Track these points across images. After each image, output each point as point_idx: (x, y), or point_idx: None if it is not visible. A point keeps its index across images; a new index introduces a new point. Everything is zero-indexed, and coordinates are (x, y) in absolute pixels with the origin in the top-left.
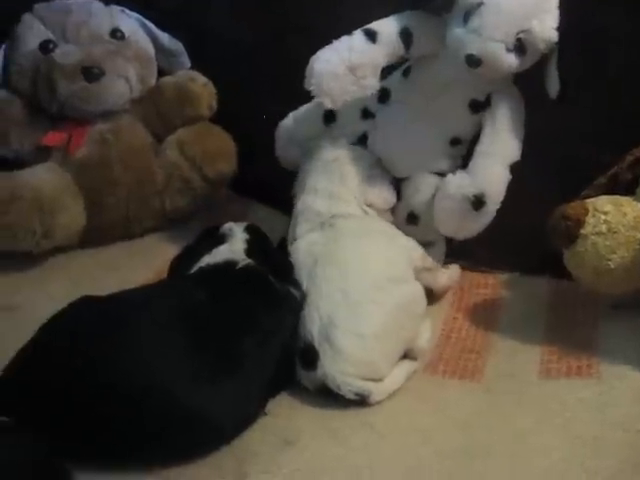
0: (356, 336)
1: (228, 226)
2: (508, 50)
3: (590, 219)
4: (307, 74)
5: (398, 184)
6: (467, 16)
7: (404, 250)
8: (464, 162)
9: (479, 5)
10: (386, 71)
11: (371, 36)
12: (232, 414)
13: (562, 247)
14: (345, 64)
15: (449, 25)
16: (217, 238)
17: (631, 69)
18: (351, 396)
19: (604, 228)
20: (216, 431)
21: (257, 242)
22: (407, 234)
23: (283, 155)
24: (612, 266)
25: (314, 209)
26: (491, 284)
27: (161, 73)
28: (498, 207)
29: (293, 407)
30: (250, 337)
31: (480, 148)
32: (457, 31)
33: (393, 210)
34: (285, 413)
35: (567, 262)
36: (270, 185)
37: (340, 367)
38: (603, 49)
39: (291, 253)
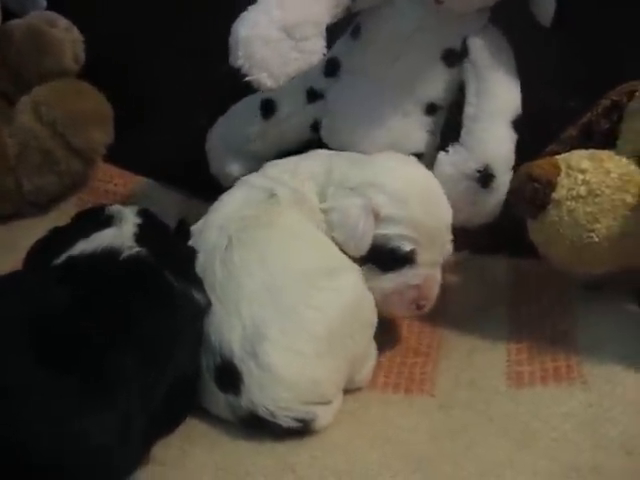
0: (293, 352)
1: (116, 208)
2: None
3: (564, 180)
4: (231, 45)
5: None
6: None
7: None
8: (443, 140)
9: None
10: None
11: None
12: (100, 456)
13: (528, 216)
14: (278, 25)
15: None
16: (101, 221)
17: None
18: (291, 424)
19: (583, 190)
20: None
21: (151, 227)
22: None
23: (222, 171)
24: (595, 239)
25: (269, 172)
26: None
27: (8, 15)
28: (510, 176)
29: (186, 449)
30: (129, 354)
31: (469, 110)
32: None
33: None
34: (175, 456)
35: (534, 235)
36: (160, 156)
37: (273, 391)
38: None
39: (202, 233)
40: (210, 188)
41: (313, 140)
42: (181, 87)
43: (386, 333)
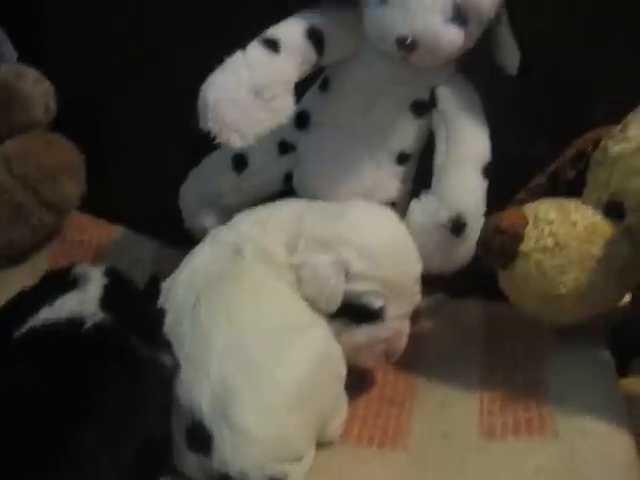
0: (263, 411)
1: (82, 269)
2: (447, 21)
3: (531, 231)
4: (200, 109)
5: None
6: None
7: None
8: (415, 189)
9: None
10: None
11: (272, 45)
12: None
13: (497, 267)
14: (246, 86)
15: (364, 8)
16: (65, 284)
17: (565, 44)
18: None
19: (550, 242)
20: None
21: (118, 289)
22: None
23: (196, 225)
24: (563, 291)
25: (237, 226)
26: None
27: None
28: (482, 224)
29: None
30: (93, 429)
31: (439, 159)
32: (377, 11)
33: None
34: None
35: (504, 285)
36: (134, 205)
37: (245, 451)
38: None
39: (170, 290)
40: (186, 237)
41: (286, 191)
42: (155, 136)
43: (361, 381)
